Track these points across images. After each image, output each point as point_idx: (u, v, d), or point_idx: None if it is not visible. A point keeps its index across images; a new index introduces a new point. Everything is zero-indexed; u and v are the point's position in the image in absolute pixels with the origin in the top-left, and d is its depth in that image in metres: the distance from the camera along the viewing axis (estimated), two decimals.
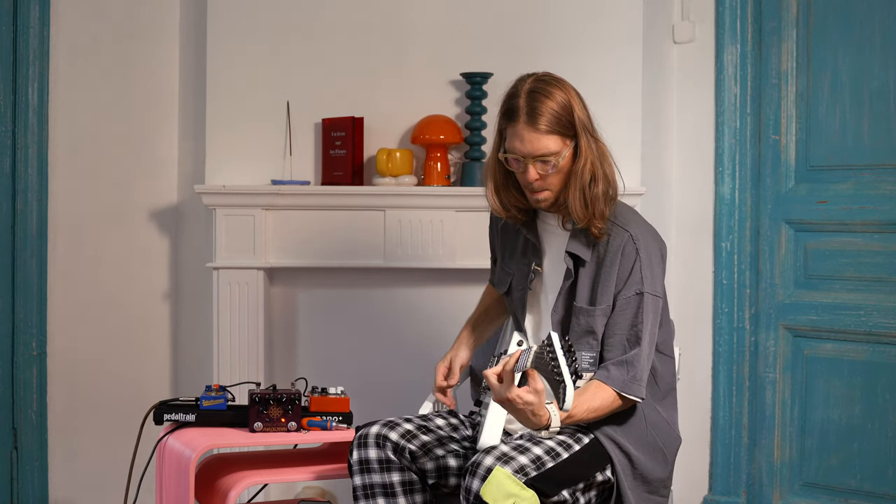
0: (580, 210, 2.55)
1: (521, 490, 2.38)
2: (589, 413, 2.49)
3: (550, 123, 2.51)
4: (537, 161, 2.53)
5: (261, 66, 3.81)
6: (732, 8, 3.82)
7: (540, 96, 2.51)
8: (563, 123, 2.52)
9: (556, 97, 2.52)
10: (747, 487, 3.86)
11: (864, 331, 3.60)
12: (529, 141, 2.52)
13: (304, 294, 3.89)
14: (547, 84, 2.54)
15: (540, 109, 2.50)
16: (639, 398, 2.55)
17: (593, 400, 2.50)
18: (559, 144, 2.53)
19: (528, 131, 2.51)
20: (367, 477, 2.61)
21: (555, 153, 2.52)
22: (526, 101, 2.52)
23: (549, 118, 2.50)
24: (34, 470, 3.92)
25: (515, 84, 2.58)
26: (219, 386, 3.04)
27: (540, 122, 2.50)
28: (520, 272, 2.74)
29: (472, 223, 3.68)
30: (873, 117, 3.57)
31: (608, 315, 2.57)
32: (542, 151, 2.52)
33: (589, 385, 2.54)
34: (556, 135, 2.52)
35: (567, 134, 2.53)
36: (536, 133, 2.51)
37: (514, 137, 2.54)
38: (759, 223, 3.83)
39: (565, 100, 2.52)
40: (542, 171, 2.54)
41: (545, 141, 2.52)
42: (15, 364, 3.88)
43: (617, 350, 2.56)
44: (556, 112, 2.51)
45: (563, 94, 2.53)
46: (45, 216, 3.91)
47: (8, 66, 3.84)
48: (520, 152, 2.54)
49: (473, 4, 3.82)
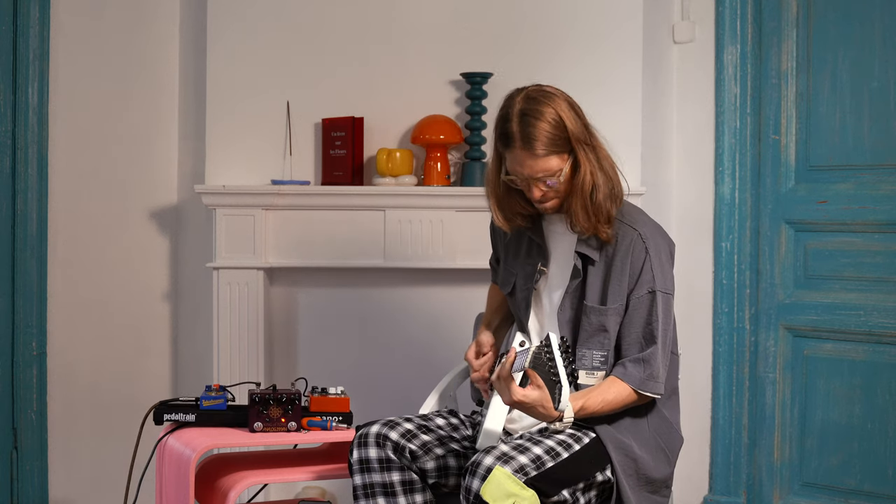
0: (584, 221, 2.58)
1: (521, 490, 2.38)
2: (603, 405, 2.52)
3: (546, 146, 2.52)
4: (539, 181, 2.56)
5: (261, 66, 3.81)
6: (732, 8, 3.82)
7: (531, 119, 2.52)
8: (557, 143, 2.54)
9: (546, 117, 2.52)
10: (747, 487, 3.86)
11: (864, 331, 3.60)
12: (529, 166, 2.55)
13: (304, 294, 3.89)
14: (536, 103, 2.54)
15: (534, 134, 2.51)
16: (656, 395, 2.58)
17: (607, 392, 2.53)
18: (558, 162, 2.55)
19: (525, 157, 2.54)
20: (368, 476, 2.61)
21: (555, 172, 2.55)
22: (519, 126, 2.53)
23: (545, 141, 2.52)
24: (34, 470, 3.92)
25: (506, 103, 2.59)
26: (219, 386, 3.05)
27: (536, 147, 2.52)
28: (524, 273, 2.74)
29: (472, 223, 3.68)
30: (873, 117, 3.57)
31: (621, 314, 2.59)
32: (542, 173, 2.55)
33: (605, 380, 2.56)
34: (554, 154, 2.54)
35: (563, 150, 2.55)
36: (534, 158, 2.53)
37: (513, 162, 2.57)
38: (759, 223, 3.83)
39: (556, 117, 2.53)
40: (546, 187, 2.58)
41: (543, 163, 2.54)
42: (15, 364, 3.88)
43: (633, 348, 2.58)
44: (549, 133, 2.52)
45: (553, 110, 2.53)
46: (45, 216, 3.91)
47: (8, 66, 3.83)
48: (521, 175, 2.57)
49: (473, 4, 3.82)
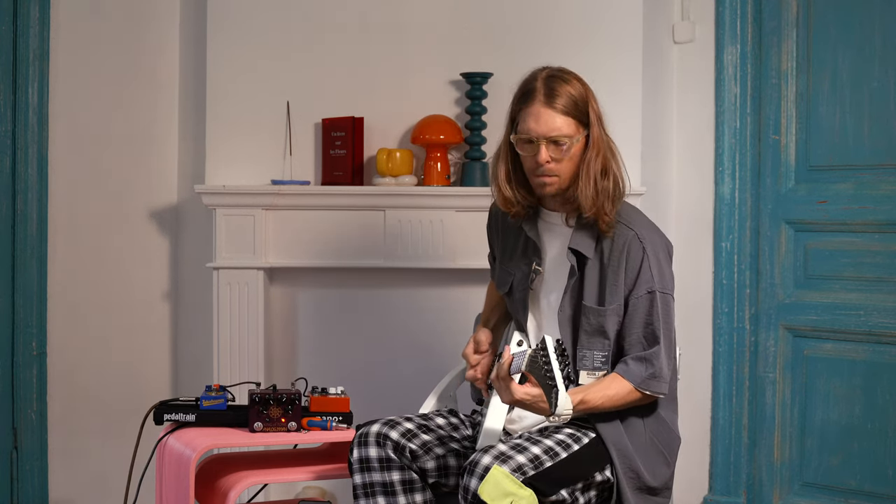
0: (591, 199, 2.56)
1: (519, 489, 2.38)
2: (604, 400, 2.51)
3: (567, 105, 2.54)
4: (550, 143, 2.54)
5: (261, 66, 3.81)
6: (732, 8, 3.82)
7: (558, 80, 2.57)
8: (578, 109, 2.56)
9: (574, 84, 2.57)
10: (747, 487, 3.86)
11: (864, 331, 3.59)
12: (545, 121, 2.53)
13: (304, 294, 3.89)
14: (565, 73, 2.60)
15: (558, 91, 2.55)
16: (660, 394, 2.57)
17: (608, 388, 2.52)
18: (573, 128, 2.55)
19: (544, 109, 2.54)
20: (368, 476, 2.61)
21: (568, 136, 2.54)
22: (544, 83, 2.56)
23: (566, 100, 2.54)
24: (34, 470, 3.91)
25: (532, 73, 2.62)
26: (219, 386, 3.05)
27: (557, 101, 2.54)
28: (521, 272, 2.73)
29: (472, 223, 3.68)
30: (873, 117, 3.57)
31: (620, 315, 2.58)
32: (555, 132, 2.54)
33: (607, 376, 2.56)
34: (571, 118, 2.55)
35: (581, 120, 2.57)
36: (552, 112, 2.53)
37: (528, 118, 2.56)
38: (759, 223, 3.83)
39: (582, 90, 2.58)
40: (554, 154, 2.55)
41: (560, 121, 2.54)
42: (15, 364, 3.88)
43: (635, 349, 2.57)
44: (573, 96, 2.55)
45: (580, 85, 2.59)
46: (45, 216, 3.91)
47: (8, 65, 3.83)
48: (534, 132, 2.55)
49: (473, 4, 3.82)
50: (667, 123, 3.95)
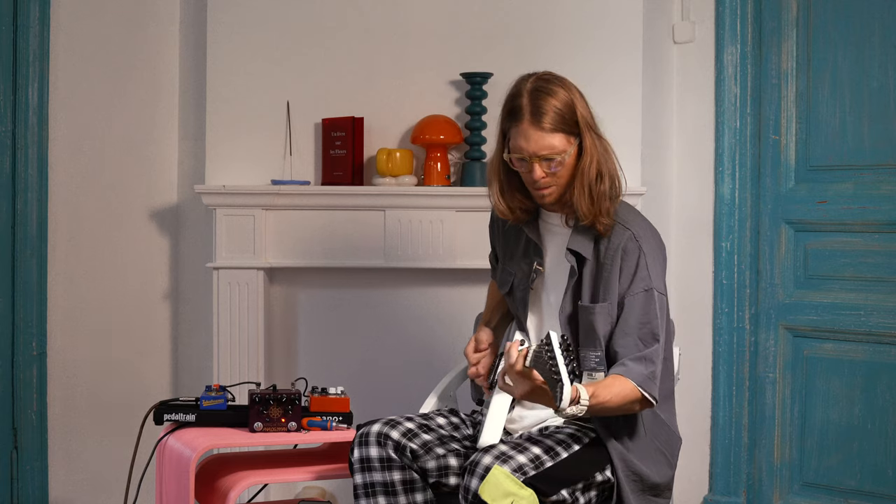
0: (586, 207, 2.55)
1: (520, 489, 2.38)
2: (612, 396, 2.44)
3: (554, 122, 2.51)
4: (542, 160, 2.54)
5: (261, 66, 3.81)
6: (732, 8, 3.82)
7: (543, 95, 2.52)
8: (566, 121, 2.53)
9: (558, 95, 2.53)
10: (747, 487, 3.86)
11: (864, 331, 3.60)
12: (535, 140, 2.52)
13: (304, 294, 3.89)
14: (549, 83, 2.55)
15: (544, 108, 2.51)
16: (654, 398, 2.50)
17: (612, 386, 2.46)
18: (564, 143, 2.53)
19: (532, 130, 2.51)
20: (368, 475, 2.61)
21: (560, 151, 2.53)
22: (529, 100, 2.52)
23: (553, 116, 2.51)
24: (34, 470, 3.91)
25: (517, 84, 2.58)
26: (219, 386, 3.04)
27: (544, 120, 2.51)
28: (521, 272, 2.73)
29: (472, 223, 3.68)
30: (873, 117, 3.57)
31: (612, 314, 2.56)
32: (546, 150, 2.53)
33: (607, 377, 2.50)
34: (561, 133, 2.53)
35: (571, 132, 2.54)
36: (541, 132, 2.51)
37: (518, 137, 2.54)
38: (759, 223, 3.83)
39: (568, 98, 2.53)
40: (548, 170, 2.55)
41: (549, 139, 2.52)
42: (15, 364, 3.88)
43: (631, 349, 2.53)
44: (559, 110, 2.52)
45: (565, 92, 2.54)
46: (45, 216, 3.91)
47: (8, 66, 3.83)
48: (525, 152, 2.54)
49: (473, 4, 3.82)
50: (667, 123, 3.95)
